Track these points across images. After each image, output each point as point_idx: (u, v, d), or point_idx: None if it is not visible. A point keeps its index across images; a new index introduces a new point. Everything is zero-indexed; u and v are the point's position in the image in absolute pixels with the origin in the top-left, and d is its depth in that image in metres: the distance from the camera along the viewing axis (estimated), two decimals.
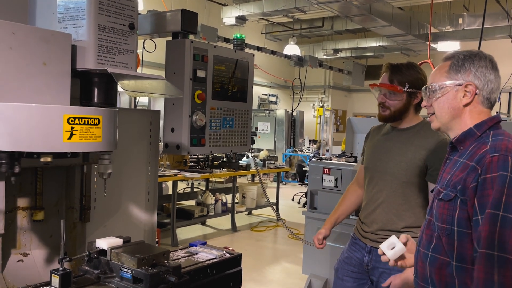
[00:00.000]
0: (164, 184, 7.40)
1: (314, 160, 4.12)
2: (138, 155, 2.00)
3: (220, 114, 2.07)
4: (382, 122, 2.21)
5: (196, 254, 1.79)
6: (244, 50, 2.25)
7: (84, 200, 1.77)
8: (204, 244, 1.90)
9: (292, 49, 11.71)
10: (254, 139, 2.39)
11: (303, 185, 10.98)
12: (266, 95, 15.09)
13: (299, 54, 11.51)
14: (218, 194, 6.91)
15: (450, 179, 1.38)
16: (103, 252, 1.46)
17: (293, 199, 9.65)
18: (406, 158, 2.08)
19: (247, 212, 7.80)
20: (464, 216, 1.31)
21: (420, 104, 2.10)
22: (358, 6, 8.88)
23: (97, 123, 1.33)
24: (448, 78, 1.44)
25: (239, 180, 7.81)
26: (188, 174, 6.12)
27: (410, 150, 2.08)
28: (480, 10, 10.91)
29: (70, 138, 1.27)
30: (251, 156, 2.87)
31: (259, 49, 9.97)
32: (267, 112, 13.43)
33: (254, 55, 2.26)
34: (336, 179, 3.79)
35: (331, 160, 4.13)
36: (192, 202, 7.01)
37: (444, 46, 11.18)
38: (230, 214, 6.87)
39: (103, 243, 1.46)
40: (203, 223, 7.06)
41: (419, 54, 13.34)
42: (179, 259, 1.73)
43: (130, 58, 1.60)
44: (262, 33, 14.96)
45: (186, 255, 1.78)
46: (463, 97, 1.42)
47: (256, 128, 12.76)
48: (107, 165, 1.53)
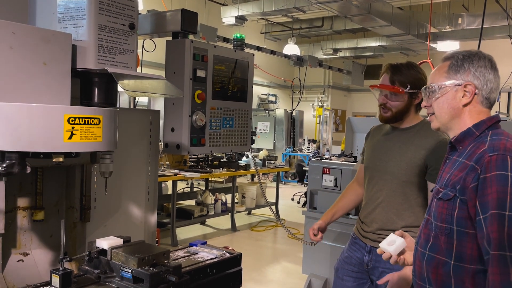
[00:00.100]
0: (163, 184, 7.40)
1: (314, 159, 4.12)
2: (138, 155, 2.01)
3: (220, 114, 2.08)
4: (384, 123, 2.21)
5: (196, 253, 1.79)
6: (244, 50, 2.25)
7: (84, 200, 1.77)
8: (204, 243, 1.90)
9: (291, 49, 11.70)
10: (253, 139, 2.38)
11: (303, 184, 10.99)
12: (266, 94, 15.10)
13: (299, 54, 11.50)
14: (217, 193, 6.91)
15: (449, 178, 1.39)
16: (103, 252, 1.46)
17: (292, 199, 9.66)
18: (406, 158, 2.08)
19: (246, 212, 7.81)
20: (464, 215, 1.31)
21: (420, 104, 2.10)
22: (357, 6, 8.88)
23: (97, 123, 1.33)
24: (447, 78, 1.45)
25: (238, 180, 7.82)
26: (187, 174, 6.12)
27: (410, 150, 2.08)
28: (480, 10, 10.92)
29: (70, 138, 1.27)
30: (251, 156, 2.88)
31: (258, 49, 9.96)
32: (267, 112, 13.44)
33: (254, 55, 2.26)
34: (335, 179, 3.79)
35: (330, 159, 4.13)
36: (191, 202, 7.02)
37: (444, 46, 11.18)
38: (230, 214, 6.87)
39: (104, 243, 1.47)
40: (203, 223, 7.06)
41: (419, 54, 13.35)
42: (179, 258, 1.73)
43: (130, 58, 1.60)
44: (261, 32, 14.96)
45: (186, 254, 1.78)
46: (463, 97, 1.42)
47: (255, 128, 12.76)
48: (109, 164, 1.53)
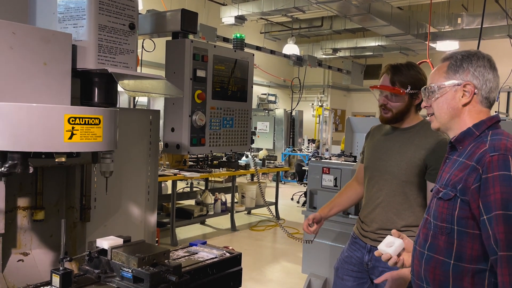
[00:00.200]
0: (163, 184, 7.40)
1: (314, 159, 4.12)
2: (138, 154, 2.01)
3: (220, 114, 2.08)
4: (384, 123, 2.21)
5: (196, 253, 1.80)
6: (244, 49, 2.25)
7: (84, 200, 1.77)
8: (204, 243, 1.90)
9: (291, 48, 11.70)
10: (253, 138, 2.38)
11: (302, 184, 10.99)
12: (265, 94, 15.09)
13: (298, 54, 11.50)
14: (217, 193, 6.91)
15: (449, 178, 1.39)
16: (103, 251, 1.47)
17: (292, 199, 9.66)
18: (406, 158, 2.08)
19: (246, 212, 7.81)
20: (464, 215, 1.31)
21: (421, 104, 2.10)
22: (357, 6, 8.88)
23: (97, 123, 1.33)
24: (446, 79, 1.45)
25: (238, 179, 7.82)
26: (187, 174, 6.12)
27: (410, 150, 2.08)
28: (479, 10, 10.93)
29: (70, 138, 1.27)
30: (251, 155, 2.87)
31: (258, 48, 9.95)
32: (266, 111, 13.44)
33: (254, 55, 2.27)
34: (335, 179, 3.80)
35: (330, 159, 4.14)
36: (191, 202, 7.02)
37: (443, 45, 11.19)
38: (230, 214, 6.87)
39: (104, 243, 1.47)
40: (203, 223, 7.06)
41: (418, 53, 13.35)
42: (180, 258, 1.73)
43: (131, 58, 1.60)
44: (261, 32, 14.96)
45: (187, 254, 1.78)
46: (462, 97, 1.42)
47: (255, 128, 12.76)
48: (109, 164, 1.54)
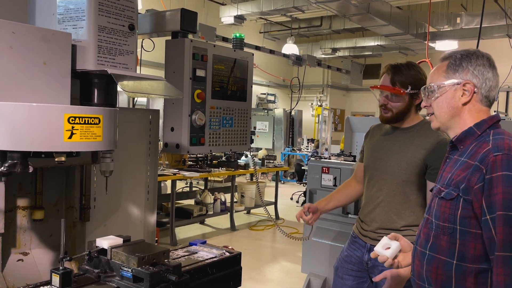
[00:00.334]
0: (163, 184, 7.40)
1: (313, 159, 4.13)
2: (138, 154, 2.01)
3: (219, 114, 2.08)
4: (385, 123, 2.21)
5: (196, 253, 1.80)
6: (243, 49, 2.25)
7: (83, 200, 1.77)
8: (204, 243, 1.91)
9: (290, 48, 11.70)
10: (252, 138, 2.38)
11: (302, 184, 10.99)
12: (265, 94, 15.09)
13: (298, 53, 11.50)
14: (217, 193, 6.91)
15: (451, 178, 1.39)
16: (103, 251, 1.47)
17: (291, 198, 9.66)
18: (406, 158, 2.08)
19: (246, 211, 7.81)
20: (467, 215, 1.31)
21: (421, 104, 2.11)
22: (356, 5, 8.88)
23: (97, 122, 1.33)
24: (446, 78, 1.45)
25: (238, 179, 7.82)
26: (187, 173, 6.13)
27: (410, 150, 2.09)
28: (478, 9, 10.94)
29: (70, 137, 1.27)
30: (250, 155, 2.88)
31: (257, 48, 9.94)
32: (266, 111, 13.43)
33: (253, 54, 2.27)
34: (335, 178, 3.80)
35: (329, 159, 4.14)
36: (191, 201, 7.02)
37: (442, 45, 11.19)
38: (229, 213, 6.87)
39: (103, 242, 1.47)
40: (202, 222, 7.06)
41: (417, 53, 13.35)
42: (179, 258, 1.73)
43: (130, 59, 1.60)
44: (260, 32, 14.96)
45: (186, 254, 1.78)
46: (462, 96, 1.42)
47: (254, 127, 12.76)
48: (109, 163, 1.54)
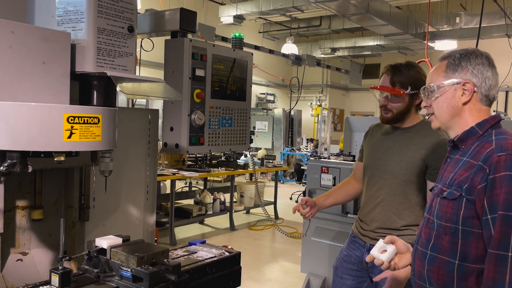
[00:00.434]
0: (162, 183, 7.39)
1: (312, 159, 4.13)
2: (137, 154, 2.01)
3: (219, 113, 2.08)
4: (385, 124, 2.21)
5: (196, 252, 1.80)
6: (243, 49, 2.25)
7: (83, 199, 1.77)
8: (203, 242, 1.90)
9: (289, 48, 11.70)
10: (252, 138, 2.38)
11: (301, 184, 10.99)
12: (264, 94, 15.09)
13: (297, 53, 11.49)
14: (216, 193, 6.91)
15: (453, 178, 1.38)
16: (102, 251, 1.47)
17: (291, 198, 9.66)
18: (406, 157, 2.09)
19: (245, 211, 7.81)
20: (470, 215, 1.31)
21: (421, 104, 2.11)
22: (355, 5, 8.88)
23: (96, 122, 1.33)
24: (445, 78, 1.44)
25: (237, 179, 7.82)
26: (186, 173, 6.12)
27: (410, 150, 2.09)
28: (477, 9, 10.95)
29: (69, 137, 1.27)
30: (249, 155, 2.88)
31: (256, 48, 9.94)
32: (265, 111, 13.43)
33: (252, 54, 2.27)
34: (334, 178, 3.80)
35: (329, 159, 4.14)
36: (190, 201, 7.02)
37: (441, 45, 11.20)
38: (228, 213, 6.87)
39: (103, 242, 1.47)
40: (201, 222, 7.06)
41: (417, 53, 13.36)
42: (179, 257, 1.73)
43: (129, 60, 1.60)
44: (259, 32, 14.96)
45: (186, 253, 1.78)
46: (462, 95, 1.42)
47: (254, 127, 12.76)
48: (109, 163, 1.53)
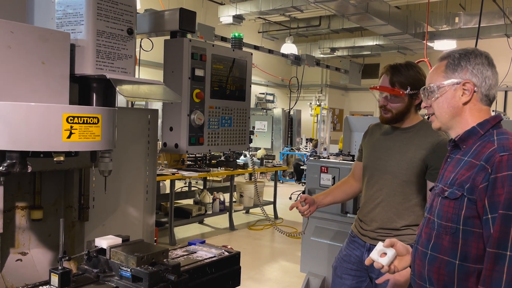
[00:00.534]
0: (161, 183, 7.39)
1: (312, 158, 4.13)
2: (137, 154, 2.01)
3: (218, 113, 2.08)
4: (385, 124, 2.21)
5: (195, 252, 1.80)
6: (242, 49, 2.25)
7: (82, 199, 1.77)
8: (203, 242, 1.91)
9: (289, 48, 11.71)
10: (251, 138, 2.38)
11: (300, 183, 11.00)
12: (263, 94, 15.10)
13: (296, 53, 11.50)
14: (215, 193, 6.91)
15: (454, 177, 1.38)
16: (102, 251, 1.47)
17: (290, 198, 9.67)
18: (406, 158, 2.09)
19: (244, 211, 7.81)
20: (471, 214, 1.31)
21: (420, 104, 2.10)
22: (355, 5, 8.89)
23: (96, 122, 1.33)
24: (445, 78, 1.44)
25: (236, 179, 7.82)
26: (185, 173, 6.12)
27: (410, 150, 2.09)
28: (476, 9, 10.96)
29: (69, 137, 1.27)
30: (249, 155, 2.88)
31: (256, 48, 9.94)
32: (264, 111, 13.44)
33: (252, 54, 2.27)
34: (333, 178, 3.80)
35: (328, 158, 4.14)
36: (190, 201, 7.01)
37: (441, 44, 11.21)
38: (228, 213, 6.87)
39: (102, 242, 1.47)
40: (201, 222, 7.06)
41: (416, 53, 13.37)
42: (178, 257, 1.73)
43: (129, 63, 1.60)
44: (259, 32, 14.96)
45: (185, 253, 1.78)
46: (462, 95, 1.42)
47: (253, 127, 12.77)
48: (108, 163, 1.53)
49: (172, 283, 1.38)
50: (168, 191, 6.43)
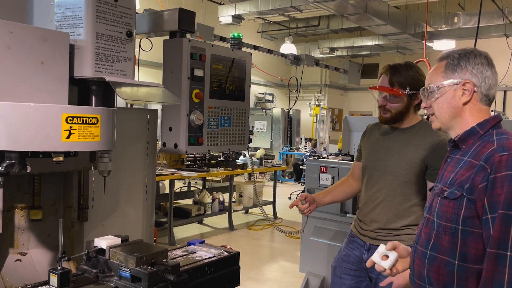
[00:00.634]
0: (161, 183, 7.39)
1: (311, 158, 4.13)
2: (136, 154, 2.01)
3: (217, 113, 2.08)
4: (384, 124, 2.21)
5: (195, 252, 1.80)
6: (242, 49, 2.25)
7: (82, 200, 1.77)
8: (202, 242, 1.91)
9: (288, 48, 11.71)
10: (250, 137, 2.39)
11: (300, 183, 11.00)
12: (263, 94, 15.09)
13: (296, 53, 11.50)
14: (215, 193, 6.91)
15: (454, 177, 1.38)
16: (101, 251, 1.46)
17: (289, 198, 9.67)
18: (406, 158, 2.09)
19: (244, 211, 7.81)
20: (471, 215, 1.31)
21: (419, 104, 2.11)
22: (354, 5, 8.90)
23: (95, 122, 1.33)
24: (445, 78, 1.44)
25: (236, 179, 7.82)
26: (185, 173, 6.12)
27: (410, 150, 2.09)
28: (475, 9, 10.97)
29: (68, 137, 1.27)
30: (248, 154, 2.88)
31: (255, 48, 9.94)
32: (264, 111, 13.45)
33: (251, 54, 2.27)
34: (333, 178, 3.80)
35: (327, 158, 4.14)
36: (189, 201, 7.01)
37: (440, 44, 11.22)
38: (227, 213, 6.87)
39: (102, 242, 1.47)
40: (200, 222, 7.06)
41: (415, 53, 13.38)
42: (178, 257, 1.73)
43: (128, 65, 1.60)
44: (258, 32, 14.96)
45: (185, 253, 1.78)
46: (462, 95, 1.42)
47: (252, 127, 12.77)
48: (107, 163, 1.53)
49: (171, 283, 1.38)
50: (167, 191, 6.42)
